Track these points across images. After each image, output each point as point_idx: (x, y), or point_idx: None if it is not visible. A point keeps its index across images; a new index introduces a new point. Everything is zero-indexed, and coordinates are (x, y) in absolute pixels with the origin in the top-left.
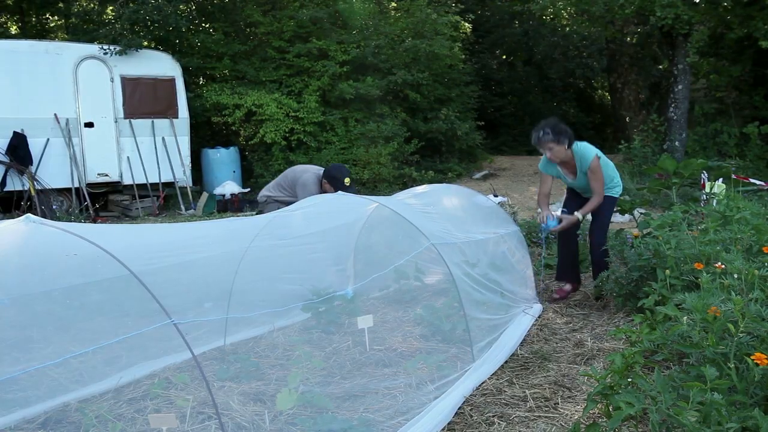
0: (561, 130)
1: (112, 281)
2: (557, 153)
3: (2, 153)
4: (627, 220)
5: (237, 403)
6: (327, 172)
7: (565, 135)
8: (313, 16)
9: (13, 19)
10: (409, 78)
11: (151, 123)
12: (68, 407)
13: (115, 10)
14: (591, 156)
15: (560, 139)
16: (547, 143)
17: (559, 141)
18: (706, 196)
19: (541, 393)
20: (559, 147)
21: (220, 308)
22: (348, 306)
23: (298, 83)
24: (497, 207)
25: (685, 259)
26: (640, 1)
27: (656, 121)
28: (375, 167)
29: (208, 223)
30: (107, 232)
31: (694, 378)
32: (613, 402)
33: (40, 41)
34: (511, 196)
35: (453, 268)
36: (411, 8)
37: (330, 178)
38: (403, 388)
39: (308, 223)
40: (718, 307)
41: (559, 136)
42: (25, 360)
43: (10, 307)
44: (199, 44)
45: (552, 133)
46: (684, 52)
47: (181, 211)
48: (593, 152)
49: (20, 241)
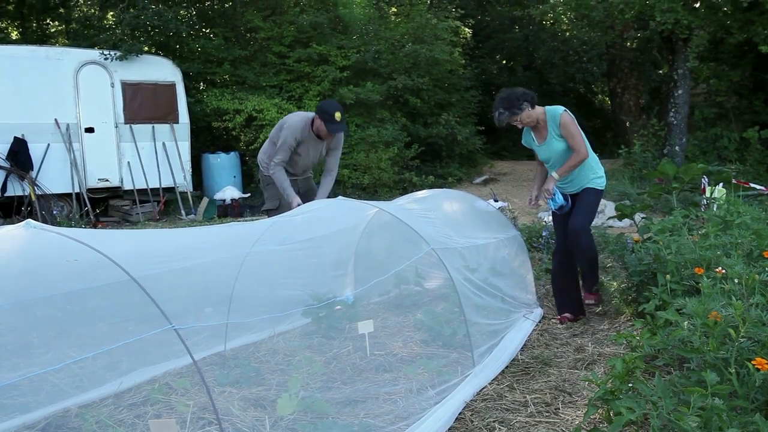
0: (513, 99)
1: (113, 286)
2: (525, 120)
3: (3, 158)
4: (627, 224)
5: (237, 409)
6: (319, 107)
7: (521, 99)
8: (313, 21)
9: (14, 24)
10: (409, 83)
11: (151, 128)
12: (69, 413)
13: (116, 15)
14: (560, 111)
15: (517, 109)
16: (510, 119)
17: (520, 109)
18: (707, 200)
19: (541, 398)
20: (524, 114)
21: (220, 313)
22: (348, 311)
23: (298, 88)
24: (497, 212)
25: (685, 264)
26: (640, 6)
27: (656, 126)
28: (375, 172)
29: (208, 229)
30: (108, 238)
31: (695, 383)
32: (614, 407)
33: (40, 46)
34: (511, 201)
35: (453, 273)
36: (411, 13)
37: (321, 112)
38: (403, 394)
39: (308, 228)
40: (719, 311)
41: (515, 107)
42: (25, 365)
43: (10, 313)
44: (200, 49)
45: (506, 109)
46: (684, 56)
47: (182, 217)
48: (560, 108)
49: (21, 247)
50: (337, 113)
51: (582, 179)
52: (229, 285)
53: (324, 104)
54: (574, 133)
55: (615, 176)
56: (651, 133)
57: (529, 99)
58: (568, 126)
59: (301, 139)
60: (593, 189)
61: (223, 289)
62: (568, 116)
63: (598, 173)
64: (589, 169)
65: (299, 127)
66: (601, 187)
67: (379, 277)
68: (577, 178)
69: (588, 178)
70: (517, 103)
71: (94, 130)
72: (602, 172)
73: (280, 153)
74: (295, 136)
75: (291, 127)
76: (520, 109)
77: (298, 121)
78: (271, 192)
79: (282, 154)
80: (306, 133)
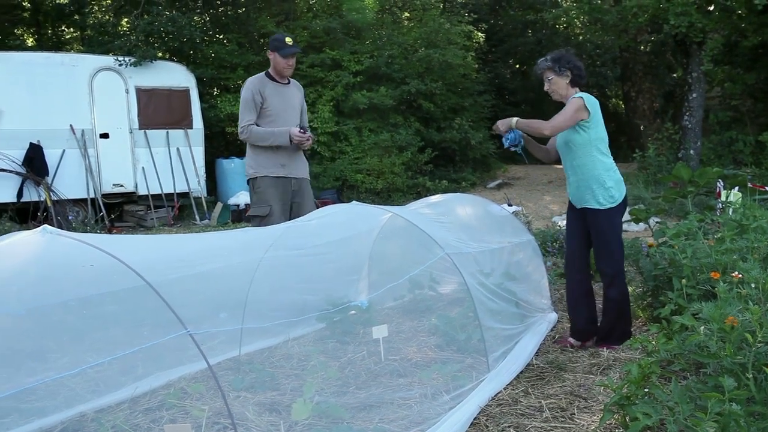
0: (564, 60)
1: (128, 291)
2: (555, 86)
3: (19, 164)
4: (642, 229)
5: (252, 413)
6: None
7: (568, 66)
8: (326, 26)
9: (30, 31)
10: (422, 87)
11: (165, 133)
12: (85, 417)
13: (130, 21)
14: (577, 95)
15: (560, 69)
16: (544, 71)
17: (559, 71)
18: (722, 204)
19: (557, 403)
20: (558, 78)
21: (234, 318)
22: (363, 316)
23: (311, 93)
24: (511, 216)
25: (701, 269)
26: (654, 10)
27: (671, 130)
28: (389, 177)
29: (222, 234)
30: (123, 243)
31: (711, 388)
32: (630, 412)
33: (55, 53)
34: (525, 206)
35: (468, 278)
36: (424, 18)
37: (272, 42)
38: (418, 399)
39: (322, 233)
40: (736, 316)
41: (559, 65)
42: (41, 370)
43: (26, 318)
44: (213, 55)
45: (551, 60)
46: (698, 60)
47: (196, 222)
48: (585, 96)
49: (37, 252)
50: (287, 38)
51: (583, 189)
52: (243, 290)
53: (273, 36)
54: (562, 112)
55: (629, 180)
56: (665, 137)
57: (574, 72)
58: (568, 105)
59: (263, 91)
60: (600, 212)
61: (237, 294)
62: (577, 101)
63: (606, 183)
64: (593, 179)
65: (254, 80)
66: (610, 203)
67: (393, 282)
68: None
69: (590, 190)
70: (563, 67)
71: (108, 135)
72: (614, 182)
73: (245, 113)
74: (252, 89)
75: (245, 84)
76: (558, 71)
77: (252, 77)
78: (260, 196)
79: (246, 114)
80: (266, 82)
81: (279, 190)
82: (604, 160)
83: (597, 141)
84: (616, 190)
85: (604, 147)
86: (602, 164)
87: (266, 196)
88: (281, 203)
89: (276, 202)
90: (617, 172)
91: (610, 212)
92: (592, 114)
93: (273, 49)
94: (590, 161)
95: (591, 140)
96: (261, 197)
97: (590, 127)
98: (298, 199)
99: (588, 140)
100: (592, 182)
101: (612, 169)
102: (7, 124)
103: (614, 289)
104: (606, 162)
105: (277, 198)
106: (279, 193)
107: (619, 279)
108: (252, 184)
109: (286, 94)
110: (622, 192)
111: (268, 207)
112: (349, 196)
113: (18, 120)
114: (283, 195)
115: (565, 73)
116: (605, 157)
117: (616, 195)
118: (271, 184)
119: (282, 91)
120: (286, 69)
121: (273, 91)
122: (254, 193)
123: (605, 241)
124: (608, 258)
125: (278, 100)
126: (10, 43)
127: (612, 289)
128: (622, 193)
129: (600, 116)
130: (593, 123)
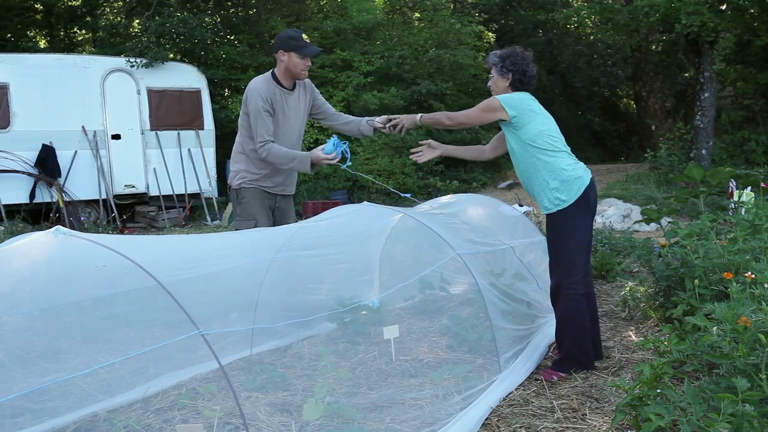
0: (510, 60)
1: (140, 292)
2: (494, 85)
3: (31, 165)
4: (654, 229)
5: (264, 414)
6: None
7: (511, 68)
8: (336, 27)
9: (42, 33)
10: (433, 88)
11: (177, 134)
12: (97, 417)
13: (142, 23)
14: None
15: (501, 70)
16: (490, 66)
17: (500, 71)
18: (735, 204)
19: (568, 404)
20: (498, 78)
21: (246, 319)
22: (374, 316)
23: (322, 94)
24: (522, 216)
25: (713, 269)
26: (665, 9)
27: (682, 130)
28: (399, 177)
29: (233, 234)
30: (135, 243)
31: (724, 389)
32: (642, 413)
33: (68, 55)
34: (536, 206)
35: (479, 278)
36: (434, 18)
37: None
38: (429, 399)
39: (333, 234)
40: (749, 317)
41: (503, 64)
42: (54, 370)
43: (39, 318)
44: (224, 56)
45: (498, 57)
46: (710, 59)
47: (207, 222)
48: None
49: (50, 253)
50: (303, 35)
51: (534, 194)
52: (254, 290)
53: (282, 35)
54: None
55: (641, 180)
56: (677, 137)
57: (516, 75)
58: (482, 103)
59: (271, 97)
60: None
61: (248, 295)
62: (491, 101)
63: (550, 185)
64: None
65: (264, 83)
66: (557, 206)
67: (404, 282)
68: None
69: (536, 194)
70: (505, 67)
71: (120, 136)
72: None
73: (260, 126)
74: (262, 95)
75: (252, 89)
76: (501, 72)
77: (257, 80)
78: (244, 208)
79: (262, 127)
80: (273, 88)
81: (265, 202)
82: (545, 159)
83: (533, 139)
84: (562, 191)
85: (545, 143)
86: (544, 164)
87: (251, 208)
88: (266, 216)
89: (261, 215)
90: (568, 170)
91: (558, 216)
92: (518, 113)
93: (289, 49)
94: (531, 162)
95: (524, 140)
96: (246, 209)
97: (520, 126)
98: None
99: (521, 141)
100: (535, 185)
101: (557, 168)
102: (20, 125)
103: (557, 305)
104: (548, 161)
105: (262, 211)
106: (264, 206)
107: (565, 293)
108: (236, 193)
109: (290, 102)
110: (574, 192)
111: (254, 221)
112: (360, 196)
113: (31, 121)
114: (268, 207)
115: (506, 75)
116: (548, 156)
117: (562, 196)
118: (256, 196)
119: (288, 99)
120: (304, 72)
121: (279, 98)
122: (238, 203)
123: (552, 248)
124: (554, 267)
125: (285, 109)
126: (22, 45)
127: (556, 305)
128: (574, 193)
129: (535, 111)
130: (523, 121)
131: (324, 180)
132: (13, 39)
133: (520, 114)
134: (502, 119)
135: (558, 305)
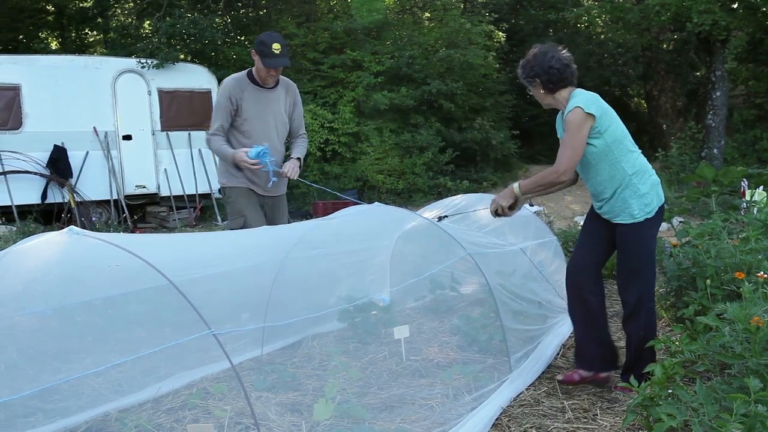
0: (528, 67)
1: (152, 291)
2: (536, 96)
3: (43, 166)
4: (665, 228)
5: (274, 414)
6: (256, 40)
7: (533, 74)
8: (347, 27)
9: (54, 34)
10: (443, 88)
11: (187, 135)
12: (108, 417)
13: (152, 24)
14: (574, 104)
15: (527, 80)
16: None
17: (529, 83)
18: (747, 204)
19: (579, 404)
20: (535, 91)
21: (257, 318)
22: (384, 316)
23: (332, 94)
24: (533, 216)
25: (725, 269)
26: (677, 8)
27: (694, 129)
28: (410, 177)
29: (244, 234)
30: (146, 243)
31: (736, 389)
32: (653, 414)
33: (79, 56)
34: (546, 206)
35: (489, 278)
36: (445, 18)
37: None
38: (440, 399)
39: (344, 233)
40: (761, 317)
41: (525, 76)
42: (65, 370)
43: (52, 318)
44: (235, 57)
45: (520, 69)
46: (722, 58)
47: (218, 222)
48: (580, 101)
49: (63, 253)
50: (275, 44)
51: (619, 206)
52: (265, 290)
53: (261, 36)
54: (566, 140)
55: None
56: (688, 136)
57: (542, 77)
58: (568, 126)
59: (240, 95)
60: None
61: (259, 294)
62: (574, 116)
63: (640, 190)
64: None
65: (233, 81)
66: (646, 214)
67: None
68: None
69: (625, 203)
70: (533, 77)
71: (131, 137)
72: (649, 185)
73: (215, 119)
74: (228, 94)
75: (222, 85)
76: (529, 83)
77: (230, 77)
78: (232, 207)
79: (216, 120)
80: (245, 85)
81: (252, 199)
82: (633, 161)
83: (617, 143)
84: (652, 195)
85: (625, 146)
86: (632, 167)
87: (238, 206)
88: (255, 211)
89: (250, 211)
90: (650, 171)
91: (644, 226)
92: (600, 115)
93: (257, 53)
94: (617, 171)
95: (609, 145)
96: (233, 207)
97: (604, 131)
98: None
99: (606, 147)
100: (624, 192)
101: (643, 170)
102: (32, 126)
103: (632, 324)
104: (636, 164)
105: (250, 207)
106: (252, 202)
107: (643, 310)
108: (223, 192)
109: (265, 100)
110: (660, 196)
111: (242, 218)
112: (370, 196)
113: (42, 122)
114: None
115: (535, 85)
116: (632, 157)
117: (653, 202)
118: (241, 194)
119: (262, 96)
120: (267, 79)
121: (251, 95)
122: (226, 203)
123: (630, 260)
124: (631, 283)
125: (255, 107)
126: (34, 47)
127: (629, 324)
128: (661, 198)
129: (610, 112)
130: (605, 124)
131: (334, 180)
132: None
133: (605, 112)
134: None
135: (640, 319)
